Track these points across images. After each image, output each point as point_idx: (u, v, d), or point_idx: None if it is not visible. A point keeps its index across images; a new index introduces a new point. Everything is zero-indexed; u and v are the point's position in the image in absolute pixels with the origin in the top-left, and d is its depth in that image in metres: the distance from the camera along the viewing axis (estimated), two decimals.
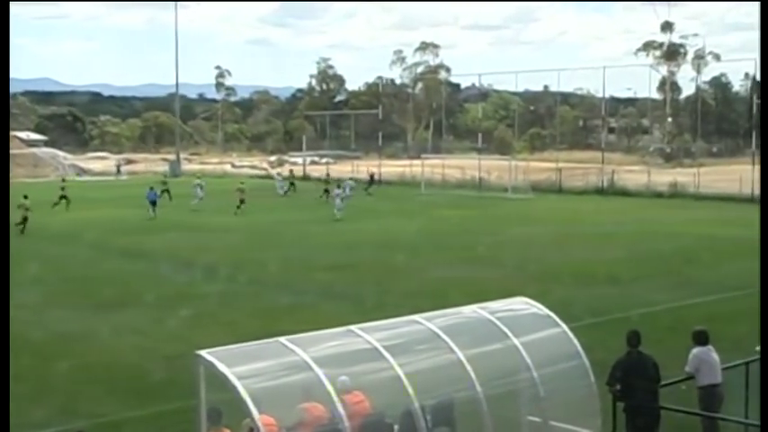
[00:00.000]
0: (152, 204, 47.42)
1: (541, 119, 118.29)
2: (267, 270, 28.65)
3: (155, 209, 47.17)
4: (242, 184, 52.47)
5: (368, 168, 72.45)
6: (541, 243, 35.71)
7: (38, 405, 14.78)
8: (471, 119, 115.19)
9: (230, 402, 9.52)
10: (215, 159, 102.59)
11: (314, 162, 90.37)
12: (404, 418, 10.21)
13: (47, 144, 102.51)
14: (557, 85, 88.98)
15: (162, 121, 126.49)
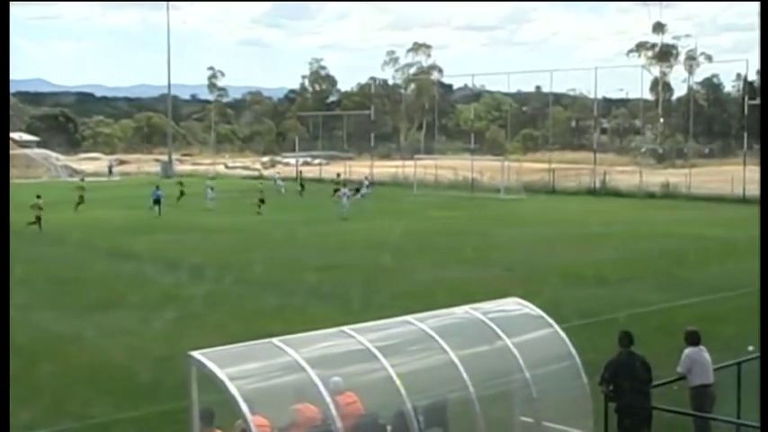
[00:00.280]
0: (156, 203, 48.11)
1: (534, 119, 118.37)
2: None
3: (159, 208, 47.82)
4: (261, 184, 54.94)
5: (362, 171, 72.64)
6: (533, 244, 35.69)
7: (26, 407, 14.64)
8: (464, 119, 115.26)
9: (222, 403, 9.49)
10: (207, 160, 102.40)
11: (306, 163, 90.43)
12: (396, 418, 10.21)
13: (39, 145, 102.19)
14: (549, 86, 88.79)
15: (154, 121, 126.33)
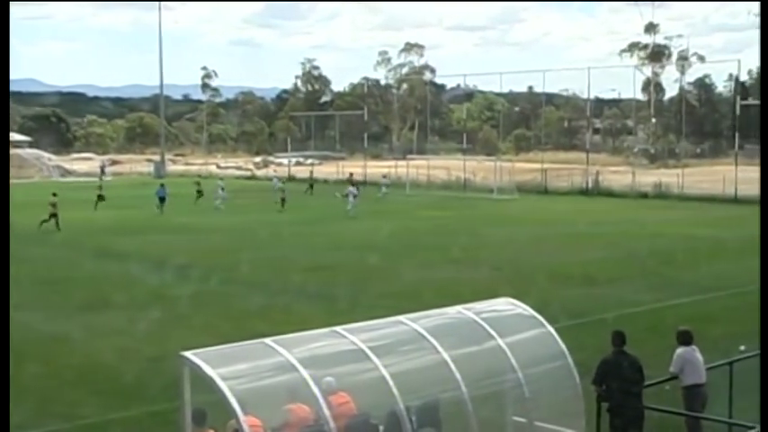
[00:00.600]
0: (161, 201, 48.71)
1: (526, 119, 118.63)
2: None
3: (163, 206, 48.38)
4: (283, 183, 56.28)
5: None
6: (524, 244, 35.70)
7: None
8: (456, 119, 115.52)
9: (215, 404, 9.45)
10: (200, 160, 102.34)
11: (299, 163, 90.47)
12: (389, 418, 10.19)
13: (31, 145, 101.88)
14: (541, 86, 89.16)
15: (146, 121, 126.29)
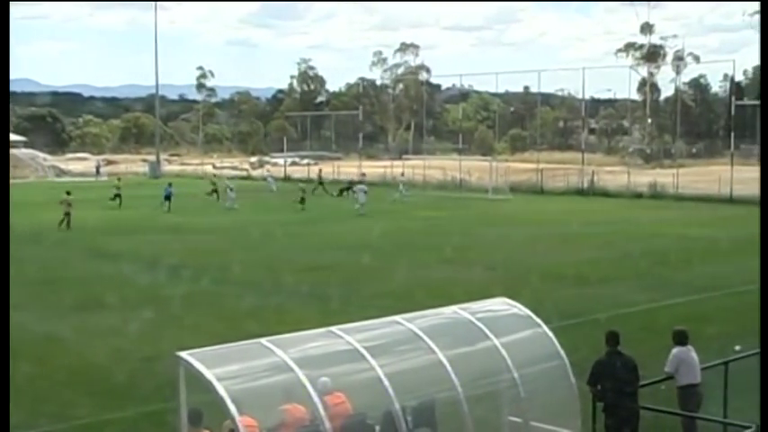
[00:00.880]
0: (166, 200, 49.56)
1: (522, 120, 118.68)
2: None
3: (169, 204, 49.25)
4: (302, 183, 56.40)
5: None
6: (518, 244, 35.72)
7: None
8: (452, 120, 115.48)
9: (211, 404, 9.46)
10: (195, 160, 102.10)
11: (294, 163, 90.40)
12: (385, 418, 10.20)
13: (26, 145, 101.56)
14: (537, 86, 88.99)
15: (142, 121, 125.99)
